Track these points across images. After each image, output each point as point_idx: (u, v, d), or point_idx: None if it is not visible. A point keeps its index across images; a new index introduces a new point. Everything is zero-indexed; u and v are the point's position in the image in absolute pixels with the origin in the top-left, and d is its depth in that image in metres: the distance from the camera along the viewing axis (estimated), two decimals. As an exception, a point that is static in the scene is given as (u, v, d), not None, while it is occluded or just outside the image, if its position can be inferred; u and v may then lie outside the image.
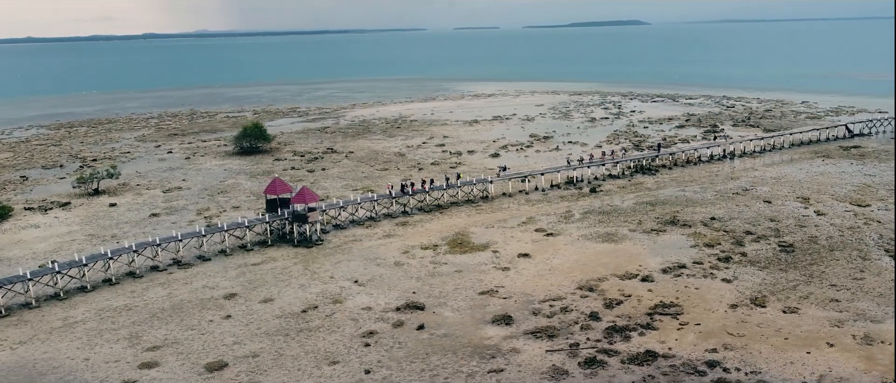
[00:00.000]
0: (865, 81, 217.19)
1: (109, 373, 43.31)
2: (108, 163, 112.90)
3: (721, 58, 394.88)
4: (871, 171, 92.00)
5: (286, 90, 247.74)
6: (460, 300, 53.15)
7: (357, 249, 66.03)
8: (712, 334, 45.92)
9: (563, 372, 41.55)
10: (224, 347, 46.41)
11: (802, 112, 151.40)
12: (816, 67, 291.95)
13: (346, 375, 42.18)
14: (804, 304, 50.07)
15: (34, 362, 45.19)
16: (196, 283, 58.24)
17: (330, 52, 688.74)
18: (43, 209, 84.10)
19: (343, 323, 49.56)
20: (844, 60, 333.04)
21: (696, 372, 41.12)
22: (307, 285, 57.09)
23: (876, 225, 68.53)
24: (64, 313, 52.92)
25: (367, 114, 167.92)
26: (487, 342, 46.07)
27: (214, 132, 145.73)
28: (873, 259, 59.07)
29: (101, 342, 47.80)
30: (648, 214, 74.53)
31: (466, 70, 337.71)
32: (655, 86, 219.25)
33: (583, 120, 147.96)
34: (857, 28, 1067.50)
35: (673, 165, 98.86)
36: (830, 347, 43.54)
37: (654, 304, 50.83)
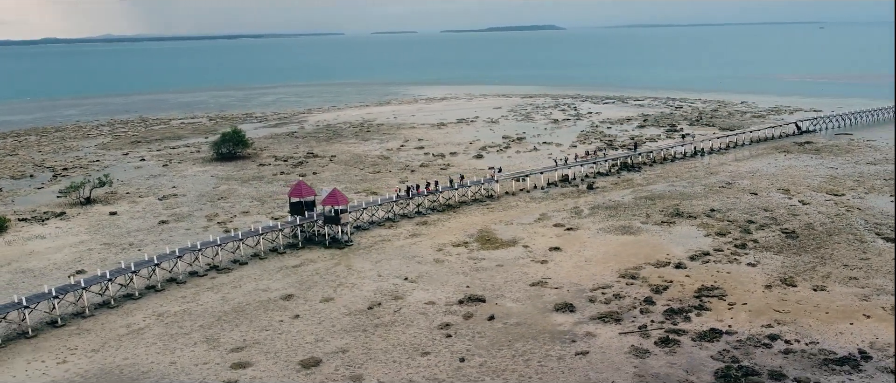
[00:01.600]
0: (793, 82, 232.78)
1: (205, 374, 43.78)
2: (83, 172, 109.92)
3: (647, 61, 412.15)
4: (831, 164, 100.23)
5: (231, 95, 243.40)
6: (515, 291, 55.86)
7: (390, 249, 67.68)
8: (761, 312, 50.40)
9: (645, 352, 44.94)
10: (308, 345, 47.49)
11: (746, 111, 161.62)
12: (738, 69, 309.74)
13: (442, 364, 44.21)
14: (828, 283, 55.37)
15: (120, 368, 45.05)
16: (246, 287, 58.63)
17: (252, 57, 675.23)
18: (39, 220, 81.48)
19: (414, 318, 51.40)
20: (763, 63, 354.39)
21: (762, 345, 45.31)
22: (359, 284, 58.47)
23: (857, 212, 75.42)
24: (122, 320, 52.49)
25: (330, 119, 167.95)
26: (560, 328, 49.00)
27: (179, 139, 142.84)
28: (869, 241, 65.41)
29: (178, 346, 47.96)
30: (652, 208, 79.27)
31: (407, 74, 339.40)
32: (599, 88, 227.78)
33: (545, 121, 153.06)
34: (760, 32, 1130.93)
35: (652, 163, 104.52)
36: (868, 318, 48.72)
37: (698, 288, 55.04)
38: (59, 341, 49.29)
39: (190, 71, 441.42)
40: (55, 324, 51.62)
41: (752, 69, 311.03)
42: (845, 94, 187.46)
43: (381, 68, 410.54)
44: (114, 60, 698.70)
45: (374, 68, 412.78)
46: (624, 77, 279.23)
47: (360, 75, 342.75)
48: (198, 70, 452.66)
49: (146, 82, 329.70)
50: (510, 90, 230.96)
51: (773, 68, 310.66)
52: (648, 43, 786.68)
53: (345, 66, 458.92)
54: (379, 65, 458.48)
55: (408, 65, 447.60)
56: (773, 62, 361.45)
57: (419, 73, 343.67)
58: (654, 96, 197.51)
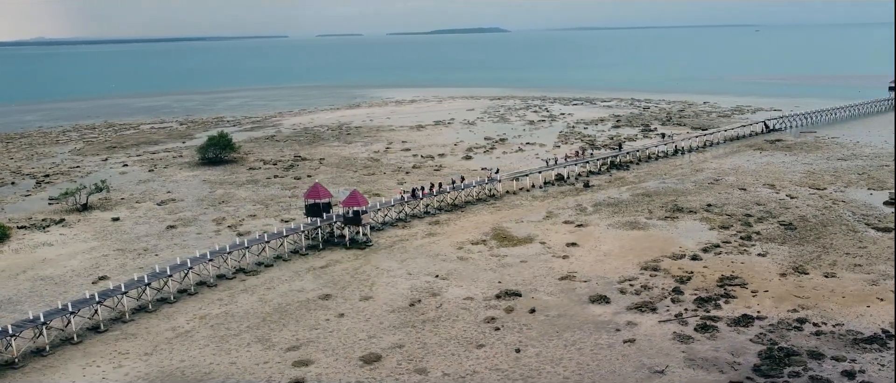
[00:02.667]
0: (746, 83, 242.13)
1: (270, 373, 44.53)
2: (67, 178, 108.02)
3: (601, 64, 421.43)
4: (806, 160, 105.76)
5: (194, 99, 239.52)
6: (547, 285, 58.01)
7: (411, 248, 69.04)
8: (783, 298, 53.78)
9: (688, 338, 47.63)
10: (362, 342, 48.63)
11: (711, 111, 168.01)
12: (691, 71, 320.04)
13: (500, 355, 46.00)
14: (837, 270, 59.27)
15: (180, 370, 45.39)
16: (280, 288, 59.23)
17: (201, 61, 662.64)
18: (39, 227, 79.93)
19: (457, 313, 53.03)
20: (712, 65, 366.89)
21: (794, 328, 48.55)
22: (393, 283, 59.73)
23: (842, 204, 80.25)
24: (165, 324, 52.59)
25: (305, 122, 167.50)
26: (601, 318, 51.35)
27: (156, 144, 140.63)
28: (861, 231, 69.92)
29: (232, 346, 48.46)
30: (651, 204, 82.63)
31: (370, 77, 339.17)
32: (563, 90, 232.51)
33: (521, 123, 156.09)
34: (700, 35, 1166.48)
35: (638, 162, 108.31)
36: (881, 301, 52.57)
37: (719, 277, 58.22)
38: (107, 346, 49.19)
39: (141, 75, 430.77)
40: (98, 330, 51.39)
41: (703, 71, 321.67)
42: (798, 94, 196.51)
43: (338, 71, 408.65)
44: (55, 64, 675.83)
45: (331, 71, 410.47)
46: (584, 79, 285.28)
47: (321, 78, 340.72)
48: (148, 74, 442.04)
49: (100, 86, 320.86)
50: (477, 92, 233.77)
51: (724, 70, 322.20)
52: (596, 45, 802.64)
53: (300, 69, 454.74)
54: (334, 68, 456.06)
55: (365, 68, 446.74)
56: (721, 64, 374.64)
57: (381, 77, 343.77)
58: (618, 97, 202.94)
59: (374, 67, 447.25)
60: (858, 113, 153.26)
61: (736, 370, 43.11)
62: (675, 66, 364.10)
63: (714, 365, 43.71)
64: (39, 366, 46.41)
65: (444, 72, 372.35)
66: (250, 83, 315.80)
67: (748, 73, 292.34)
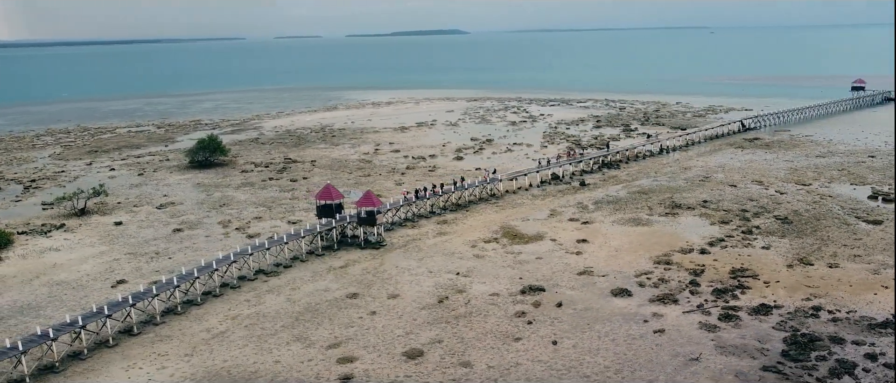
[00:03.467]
0: (713, 84, 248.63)
1: (317, 370, 45.28)
2: (54, 183, 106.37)
3: (567, 65, 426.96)
4: (787, 158, 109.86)
5: (165, 102, 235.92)
6: (567, 280, 59.76)
7: (425, 247, 70.14)
8: (795, 288, 56.48)
9: (713, 327, 49.83)
10: (400, 338, 49.64)
11: (685, 111, 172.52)
12: (657, 72, 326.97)
13: (538, 347, 47.53)
14: (839, 261, 62.32)
15: (226, 369, 45.81)
16: (304, 288, 59.80)
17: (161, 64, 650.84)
18: (40, 232, 78.81)
19: (486, 308, 54.40)
20: (677, 65, 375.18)
21: (811, 315, 51.17)
22: (416, 281, 60.80)
23: (830, 199, 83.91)
24: (198, 325, 52.81)
25: (286, 124, 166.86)
26: (627, 311, 53.28)
27: (138, 147, 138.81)
28: (853, 224, 73.39)
29: (271, 345, 49.01)
30: (649, 201, 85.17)
31: (340, 80, 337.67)
32: (537, 91, 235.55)
33: (503, 124, 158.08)
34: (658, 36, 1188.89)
35: (627, 160, 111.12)
36: (886, 289, 55.61)
37: (730, 270, 60.73)
38: (144, 348, 49.26)
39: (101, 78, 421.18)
40: (131, 333, 51.36)
41: (668, 72, 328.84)
42: (765, 95, 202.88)
43: (307, 74, 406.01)
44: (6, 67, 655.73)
45: (299, 74, 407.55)
46: (555, 80, 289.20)
47: (292, 81, 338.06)
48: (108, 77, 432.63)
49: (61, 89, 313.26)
50: (452, 94, 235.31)
51: (688, 71, 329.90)
52: (557, 48, 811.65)
53: (266, 71, 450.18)
54: (301, 70, 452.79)
55: (332, 70, 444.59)
56: (685, 65, 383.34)
57: (352, 79, 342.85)
58: (593, 98, 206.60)
59: (342, 70, 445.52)
60: (826, 112, 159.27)
61: (765, 355, 45.36)
62: (641, 68, 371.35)
63: (744, 352, 45.90)
64: (80, 370, 46.33)
65: (413, 74, 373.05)
66: (220, 86, 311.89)
67: (713, 74, 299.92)
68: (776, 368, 43.50)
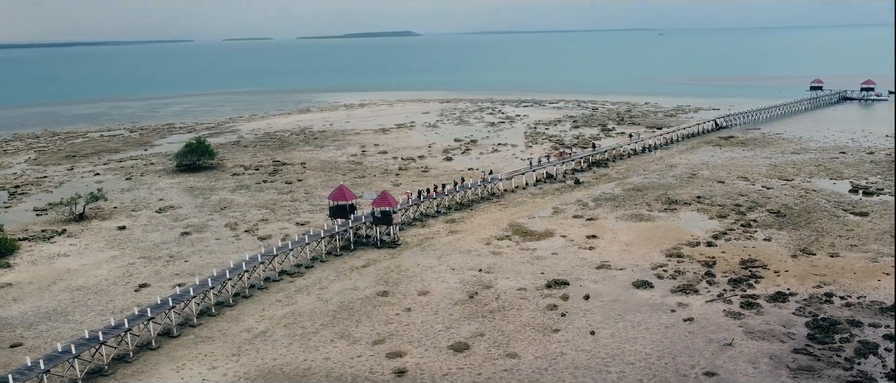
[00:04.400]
0: (675, 84, 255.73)
1: (370, 365, 46.33)
2: (40, 189, 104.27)
3: (529, 66, 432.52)
4: (764, 155, 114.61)
5: (132, 106, 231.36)
6: (587, 274, 61.94)
7: (440, 245, 71.52)
8: (804, 276, 59.76)
9: (738, 314, 52.57)
10: (441, 332, 51.00)
11: (656, 111, 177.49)
12: (619, 72, 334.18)
13: (578, 338, 49.50)
14: (838, 250, 66.01)
15: (279, 367, 46.50)
16: (333, 287, 60.61)
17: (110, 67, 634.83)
18: (43, 238, 77.53)
19: (517, 302, 56.15)
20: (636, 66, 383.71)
21: (826, 301, 54.38)
22: (441, 278, 62.18)
23: (814, 193, 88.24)
24: (236, 326, 53.23)
25: (264, 127, 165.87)
26: (653, 301, 55.69)
27: (117, 152, 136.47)
28: (841, 216, 77.52)
29: (317, 343, 49.81)
30: (645, 198, 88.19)
31: (306, 82, 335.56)
32: (506, 92, 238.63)
33: (482, 125, 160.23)
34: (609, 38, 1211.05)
35: (614, 159, 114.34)
36: (888, 276, 59.30)
37: (740, 261, 63.80)
38: (188, 350, 49.53)
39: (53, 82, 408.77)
40: (170, 335, 51.51)
41: (630, 73, 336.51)
42: (728, 95, 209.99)
43: (267, 76, 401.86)
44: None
45: (259, 76, 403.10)
46: (523, 81, 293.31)
47: (254, 84, 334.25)
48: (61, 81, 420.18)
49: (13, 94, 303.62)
50: (422, 95, 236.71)
51: (649, 72, 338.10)
52: (513, 49, 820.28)
53: (226, 73, 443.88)
54: (260, 72, 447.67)
55: (293, 73, 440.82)
56: (644, 66, 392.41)
57: (317, 81, 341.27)
58: (564, 99, 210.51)
59: (303, 72, 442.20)
60: (790, 111, 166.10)
61: (793, 339, 48.21)
62: (602, 70, 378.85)
63: (772, 336, 48.69)
64: (130, 372, 46.41)
65: (377, 76, 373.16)
66: (183, 88, 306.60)
67: (673, 75, 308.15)
68: (806, 350, 46.32)
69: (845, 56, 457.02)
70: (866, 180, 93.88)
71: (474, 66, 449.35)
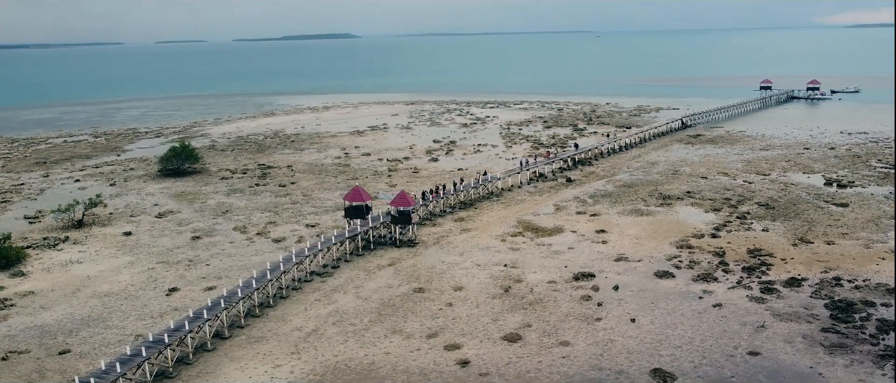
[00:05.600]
0: (633, 85, 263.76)
1: (432, 358, 47.89)
2: (21, 197, 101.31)
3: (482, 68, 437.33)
4: (735, 151, 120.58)
5: (84, 111, 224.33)
6: (609, 267, 64.85)
7: (457, 243, 73.39)
8: (810, 263, 64.15)
9: (761, 299, 56.30)
10: (489, 325, 52.91)
11: (619, 111, 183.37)
12: (568, 74, 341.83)
13: (621, 325, 52.22)
14: (832, 238, 70.86)
15: (344, 363, 47.62)
16: (369, 286, 61.78)
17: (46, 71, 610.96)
18: (48, 246, 75.96)
19: (552, 294, 58.58)
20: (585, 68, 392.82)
21: (836, 284, 58.69)
22: (470, 273, 64.08)
23: (792, 187, 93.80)
24: (284, 326, 53.92)
25: (233, 131, 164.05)
26: (678, 290, 58.97)
27: (88, 158, 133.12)
28: (824, 207, 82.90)
29: (372, 339, 51.05)
30: (638, 193, 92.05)
31: (257, 85, 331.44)
32: (469, 94, 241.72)
33: (455, 126, 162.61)
34: (548, 40, 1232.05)
35: (596, 158, 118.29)
36: (883, 260, 64.25)
37: (747, 250, 67.89)
38: (245, 350, 50.07)
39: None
40: (221, 336, 51.92)
41: (582, 74, 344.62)
42: (682, 95, 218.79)
43: (217, 80, 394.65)
44: None
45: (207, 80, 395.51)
46: (479, 83, 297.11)
47: (206, 87, 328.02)
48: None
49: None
50: (385, 98, 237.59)
51: (599, 73, 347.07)
52: (457, 51, 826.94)
53: (172, 77, 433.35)
54: (207, 76, 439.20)
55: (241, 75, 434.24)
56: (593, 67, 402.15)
57: (270, 84, 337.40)
58: (527, 100, 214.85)
59: (250, 76, 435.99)
60: (746, 110, 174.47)
61: (818, 320, 52.10)
62: (552, 71, 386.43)
63: (799, 318, 52.49)
64: (194, 374, 46.73)
65: (331, 78, 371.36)
66: (133, 93, 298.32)
67: (624, 76, 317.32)
68: (833, 329, 50.20)
69: (780, 58, 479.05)
70: (836, 174, 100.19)
71: (424, 69, 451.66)
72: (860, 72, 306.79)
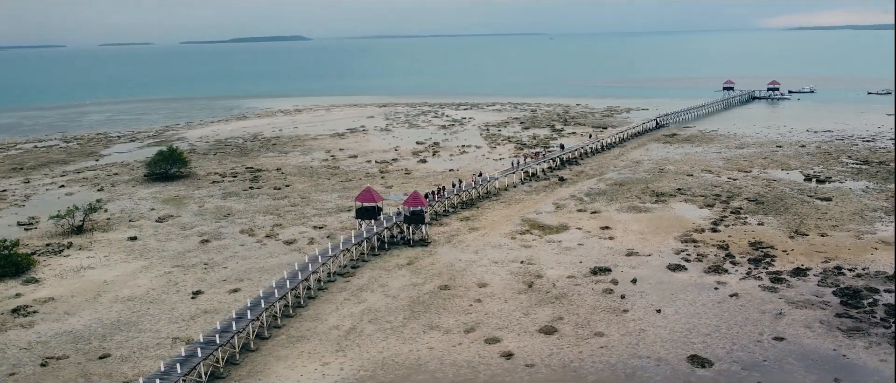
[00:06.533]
0: (599, 87, 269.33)
1: (476, 351, 49.43)
2: (5, 203, 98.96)
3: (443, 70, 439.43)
4: (713, 150, 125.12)
5: (45, 116, 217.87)
6: (621, 261, 67.31)
7: (469, 242, 74.97)
8: (810, 254, 67.75)
9: (772, 288, 59.43)
10: (522, 318, 54.67)
11: (592, 112, 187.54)
12: (532, 76, 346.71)
13: (648, 316, 54.60)
14: (824, 230, 74.81)
15: (391, 359, 48.75)
16: (395, 284, 62.87)
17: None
18: (52, 253, 74.83)
19: (574, 288, 60.67)
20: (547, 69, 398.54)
21: (840, 273, 62.27)
22: (490, 270, 65.74)
23: (775, 182, 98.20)
24: (320, 325, 54.71)
25: (209, 135, 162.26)
26: (693, 281, 61.75)
27: (66, 163, 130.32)
28: (809, 202, 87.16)
29: (411, 335, 52.23)
30: (631, 191, 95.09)
31: (219, 88, 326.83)
32: (440, 96, 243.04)
33: (433, 128, 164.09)
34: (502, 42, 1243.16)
35: (581, 158, 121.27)
36: (876, 250, 68.30)
37: (748, 243, 71.24)
38: (288, 349, 50.74)
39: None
40: (260, 337, 52.48)
41: (546, 75, 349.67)
42: (647, 96, 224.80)
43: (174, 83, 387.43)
44: None
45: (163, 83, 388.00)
46: (447, 86, 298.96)
47: (165, 91, 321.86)
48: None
49: None
50: (356, 100, 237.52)
51: (563, 75, 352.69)
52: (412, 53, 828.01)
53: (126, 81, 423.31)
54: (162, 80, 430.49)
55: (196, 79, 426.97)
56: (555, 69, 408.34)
57: (232, 88, 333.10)
58: (499, 102, 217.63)
59: (206, 78, 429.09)
60: (712, 110, 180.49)
61: (830, 306, 55.38)
62: (516, 72, 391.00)
63: (811, 304, 55.71)
64: (244, 373, 47.25)
65: (292, 81, 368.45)
66: (94, 96, 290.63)
67: (586, 78, 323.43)
68: (847, 314, 53.52)
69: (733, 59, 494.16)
70: (813, 170, 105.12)
71: (386, 72, 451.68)
72: (810, 72, 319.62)
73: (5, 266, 66.66)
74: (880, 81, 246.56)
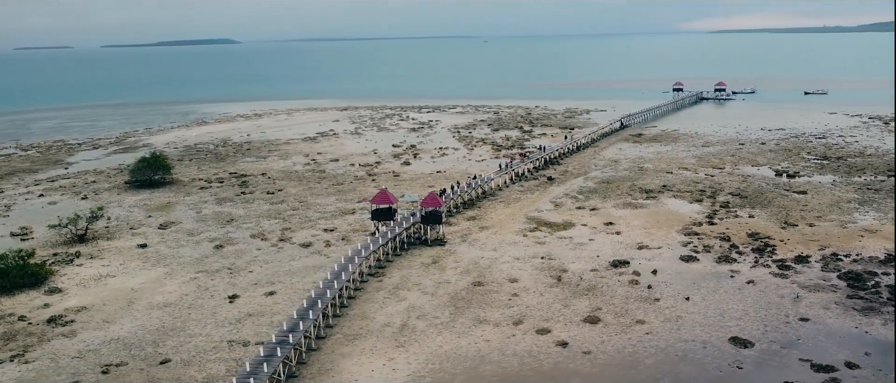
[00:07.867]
0: (553, 88, 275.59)
1: (532, 342, 51.94)
2: None
3: (388, 73, 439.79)
4: (682, 148, 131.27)
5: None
6: (635, 254, 71.03)
7: (484, 240, 77.37)
8: (807, 243, 73.03)
9: (783, 275, 64.13)
10: (563, 310, 57.49)
11: (554, 113, 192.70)
12: (482, 78, 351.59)
13: (679, 304, 58.27)
14: (810, 221, 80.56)
15: (454, 352, 50.73)
16: (426, 282, 64.53)
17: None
18: (64, 262, 73.41)
19: (601, 280, 63.93)
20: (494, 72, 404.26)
21: (838, 259, 67.58)
22: (516, 266, 68.34)
23: (751, 178, 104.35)
24: (371, 323, 56.03)
25: (176, 140, 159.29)
26: (708, 271, 65.92)
27: (34, 172, 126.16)
28: (788, 195, 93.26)
29: (464, 330, 54.29)
30: (620, 189, 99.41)
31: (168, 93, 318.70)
32: (396, 99, 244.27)
33: (403, 131, 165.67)
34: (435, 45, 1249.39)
35: (560, 158, 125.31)
36: (863, 238, 74.20)
37: (746, 234, 76.15)
38: (348, 347, 52.07)
39: None
40: (319, 337, 53.59)
41: (495, 77, 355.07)
42: (601, 97, 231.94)
43: (117, 88, 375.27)
44: None
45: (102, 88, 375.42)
46: (401, 89, 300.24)
47: (109, 96, 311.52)
48: None
49: None
50: (314, 104, 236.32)
51: (511, 77, 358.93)
52: (349, 56, 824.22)
53: (62, 87, 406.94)
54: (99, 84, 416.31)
55: (135, 84, 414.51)
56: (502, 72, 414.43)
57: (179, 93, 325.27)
58: (460, 105, 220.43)
59: (145, 83, 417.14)
60: (666, 110, 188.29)
61: (839, 289, 60.34)
62: (466, 75, 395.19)
63: (823, 288, 60.56)
64: (314, 372, 48.36)
65: (240, 85, 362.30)
66: (27, 103, 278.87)
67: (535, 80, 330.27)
68: (857, 296, 58.49)
69: (668, 61, 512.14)
70: (780, 165, 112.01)
71: (334, 75, 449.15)
72: (746, 73, 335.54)
73: (24, 276, 65.24)
74: (813, 82, 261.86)
